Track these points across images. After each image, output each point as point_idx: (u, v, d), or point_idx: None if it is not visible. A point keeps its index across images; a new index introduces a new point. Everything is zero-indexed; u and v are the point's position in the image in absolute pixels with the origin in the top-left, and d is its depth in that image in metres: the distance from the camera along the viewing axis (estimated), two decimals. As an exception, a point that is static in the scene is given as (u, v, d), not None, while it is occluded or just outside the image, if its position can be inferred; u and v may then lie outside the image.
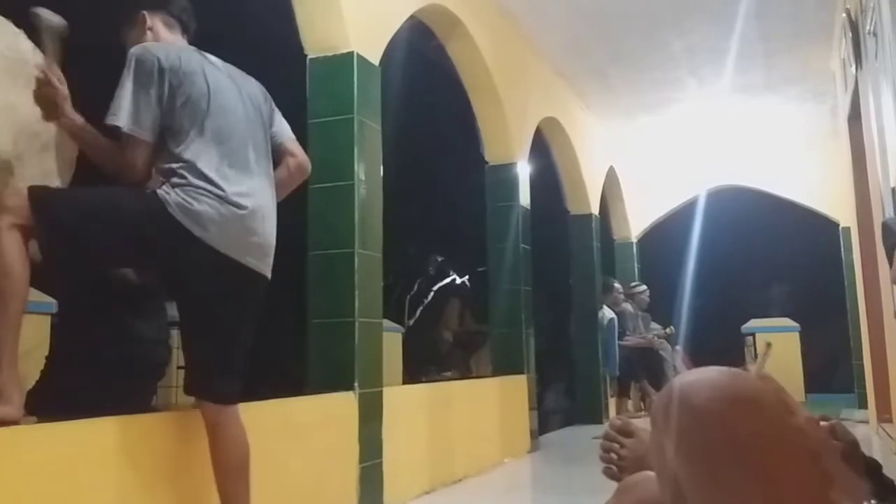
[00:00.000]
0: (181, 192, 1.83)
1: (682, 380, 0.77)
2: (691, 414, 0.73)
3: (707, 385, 0.74)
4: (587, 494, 1.22)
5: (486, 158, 5.18)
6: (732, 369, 0.77)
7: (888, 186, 3.59)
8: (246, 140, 1.99)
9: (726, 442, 0.71)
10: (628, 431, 1.22)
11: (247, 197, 1.92)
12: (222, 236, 1.86)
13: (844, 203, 6.42)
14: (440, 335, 10.30)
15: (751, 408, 0.73)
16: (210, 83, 1.94)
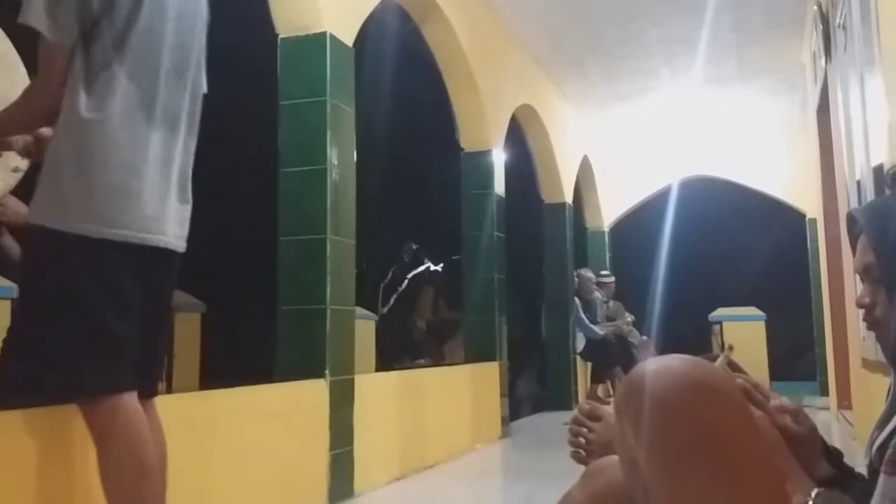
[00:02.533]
0: None
1: (644, 367, 0.77)
2: (652, 401, 0.73)
3: (668, 373, 0.74)
4: (556, 479, 1.22)
5: (462, 145, 5.17)
6: (694, 357, 0.78)
7: (854, 178, 3.65)
8: None
9: (686, 429, 0.71)
10: (596, 416, 1.23)
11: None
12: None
13: (811, 194, 6.54)
14: (414, 323, 10.30)
15: (711, 396, 0.73)
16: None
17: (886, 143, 2.70)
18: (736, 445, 0.71)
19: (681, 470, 0.71)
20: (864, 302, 1.03)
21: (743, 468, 0.70)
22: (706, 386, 0.73)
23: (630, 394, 0.77)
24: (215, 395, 2.59)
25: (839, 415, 5.27)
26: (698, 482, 0.70)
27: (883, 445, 0.93)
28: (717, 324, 8.78)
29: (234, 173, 9.52)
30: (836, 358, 5.31)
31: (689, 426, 0.71)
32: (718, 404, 0.72)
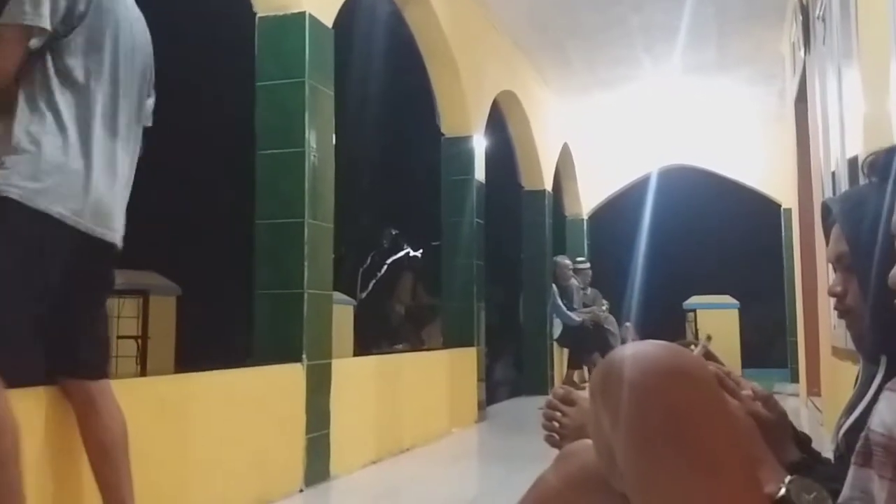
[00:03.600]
0: None
1: (618, 353, 0.78)
2: (627, 385, 0.73)
3: (643, 358, 0.74)
4: (531, 462, 1.23)
5: (443, 130, 5.14)
6: (669, 343, 0.78)
7: (829, 169, 3.70)
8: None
9: (660, 414, 0.72)
10: (570, 400, 1.23)
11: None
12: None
13: (787, 185, 6.61)
14: (392, 308, 10.30)
15: (685, 382, 0.73)
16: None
17: (862, 135, 2.74)
18: (710, 431, 0.71)
19: (654, 454, 0.71)
20: (836, 291, 1.04)
21: (716, 454, 0.71)
22: (681, 371, 0.73)
23: (605, 378, 0.77)
24: (190, 378, 2.57)
25: (808, 401, 5.38)
26: (672, 467, 0.70)
27: (850, 431, 0.94)
28: (692, 311, 8.89)
29: (210, 155, 9.41)
30: (807, 346, 5.41)
31: (663, 411, 0.71)
32: (693, 390, 0.73)
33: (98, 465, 1.78)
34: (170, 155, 10.48)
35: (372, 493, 3.09)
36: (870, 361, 0.99)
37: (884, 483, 0.68)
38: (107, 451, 1.78)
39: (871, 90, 2.58)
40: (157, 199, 9.68)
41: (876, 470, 0.70)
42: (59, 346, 1.76)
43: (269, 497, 2.72)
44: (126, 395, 2.17)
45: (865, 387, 0.98)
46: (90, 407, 1.79)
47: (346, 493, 3.03)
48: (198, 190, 9.63)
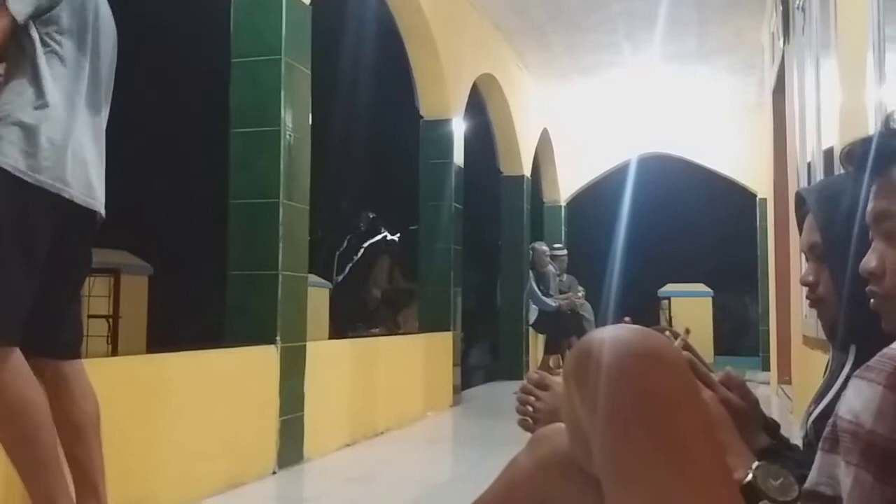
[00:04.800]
0: None
1: (592, 336, 0.77)
2: (599, 369, 0.73)
3: (616, 342, 0.74)
4: (504, 445, 1.23)
5: (422, 113, 5.11)
6: (643, 328, 0.78)
7: (805, 160, 3.73)
8: None
9: (630, 397, 0.72)
10: (544, 385, 1.24)
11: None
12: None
13: (763, 175, 6.68)
14: (369, 292, 10.27)
15: (657, 365, 0.73)
16: None
17: (838, 126, 2.76)
18: (680, 416, 0.71)
19: (626, 437, 0.71)
20: (807, 280, 1.05)
21: (686, 439, 0.71)
22: (654, 356, 0.73)
23: (578, 361, 0.77)
24: (162, 358, 2.54)
25: (779, 389, 5.47)
26: (643, 450, 0.70)
27: (818, 419, 0.95)
28: (666, 299, 8.99)
29: (183, 132, 9.26)
30: (779, 335, 5.49)
31: (634, 394, 0.71)
32: (665, 374, 0.73)
33: (69, 445, 1.77)
34: (143, 132, 10.31)
35: (345, 476, 3.08)
36: (840, 350, 1.00)
37: (849, 469, 0.69)
38: (78, 430, 1.77)
39: (848, 81, 2.60)
40: (129, 178, 9.53)
41: (842, 456, 0.71)
42: (36, 325, 1.71)
43: (241, 479, 2.70)
44: (97, 375, 2.14)
45: (835, 375, 0.98)
46: (63, 387, 1.77)
47: (319, 475, 3.02)
48: (171, 168, 9.49)
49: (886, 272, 0.80)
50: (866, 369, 0.71)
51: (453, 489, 2.89)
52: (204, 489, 2.51)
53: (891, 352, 0.70)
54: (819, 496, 0.76)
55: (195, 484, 2.49)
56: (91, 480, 1.76)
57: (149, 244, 6.71)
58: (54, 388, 1.77)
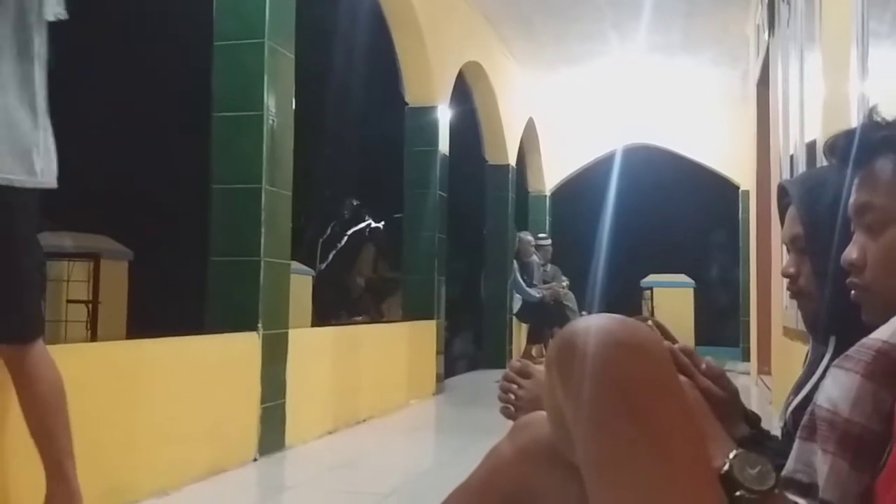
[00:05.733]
0: None
1: (575, 325, 0.77)
2: (582, 358, 0.73)
3: (599, 331, 0.74)
4: (486, 434, 1.24)
5: (407, 100, 5.07)
6: (625, 317, 0.78)
7: (787, 153, 3.76)
8: None
9: (612, 385, 0.72)
10: (527, 373, 1.25)
11: None
12: None
13: (746, 167, 6.72)
14: (353, 280, 10.23)
15: (639, 354, 0.73)
16: None
17: (821, 120, 2.77)
18: (661, 404, 0.72)
19: (606, 425, 0.72)
20: (789, 272, 1.05)
21: (667, 427, 0.71)
22: (635, 345, 0.74)
23: (561, 349, 0.77)
24: (143, 344, 2.52)
25: (759, 380, 5.53)
26: (622, 438, 0.71)
27: (797, 409, 0.96)
28: (648, 289, 9.05)
29: (164, 116, 9.15)
30: (759, 326, 5.55)
31: (615, 383, 0.72)
32: (646, 363, 0.73)
33: (33, 428, 1.76)
34: (124, 116, 10.17)
35: (327, 463, 3.08)
36: (819, 342, 1.01)
37: (826, 457, 0.70)
38: (40, 416, 1.75)
39: (832, 75, 2.62)
40: (109, 161, 9.41)
41: (819, 444, 0.71)
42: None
43: (222, 466, 2.69)
44: (76, 361, 2.12)
45: (814, 366, 0.99)
46: (19, 372, 1.74)
47: (300, 462, 3.01)
48: (152, 152, 9.38)
49: (867, 264, 0.80)
50: (845, 359, 0.72)
51: (435, 476, 2.90)
52: (184, 476, 2.49)
53: (869, 341, 0.71)
54: (796, 483, 0.76)
55: (175, 471, 2.47)
56: (56, 460, 1.75)
57: (129, 229, 6.65)
58: (12, 373, 1.75)
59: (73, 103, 8.03)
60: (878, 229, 0.79)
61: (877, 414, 0.68)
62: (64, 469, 1.75)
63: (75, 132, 7.61)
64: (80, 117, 8.47)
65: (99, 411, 2.18)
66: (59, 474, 1.75)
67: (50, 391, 1.75)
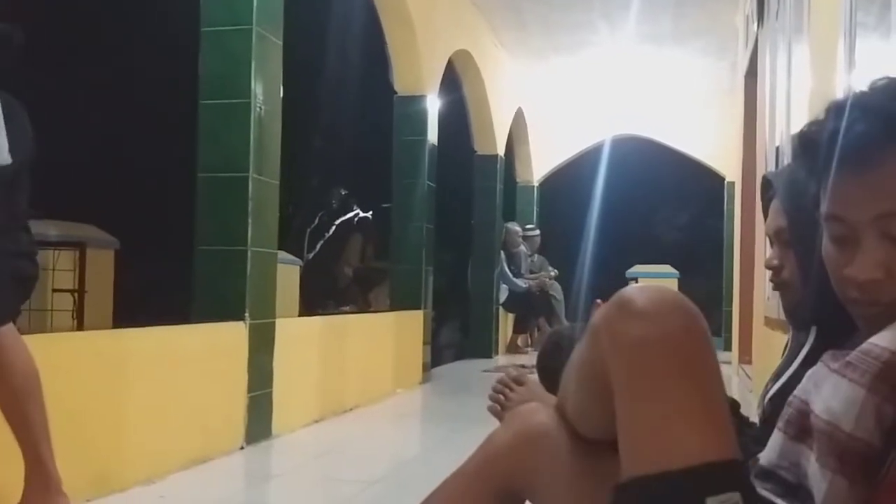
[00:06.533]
0: None
1: (625, 290, 0.81)
2: (632, 312, 0.77)
3: (648, 293, 0.79)
4: (472, 422, 1.27)
5: (395, 88, 5.05)
6: (668, 287, 0.83)
7: (773, 144, 3.78)
8: None
9: (660, 333, 0.75)
10: (521, 381, 1.34)
11: None
12: None
13: (732, 158, 6.76)
14: (340, 270, 10.20)
15: (683, 313, 0.77)
16: None
17: (808, 112, 2.79)
18: (699, 351, 0.76)
19: (647, 362, 0.75)
20: (772, 264, 1.06)
21: (701, 368, 0.75)
22: (680, 305, 0.78)
23: (620, 307, 0.79)
24: (129, 333, 2.51)
25: (740, 368, 5.59)
26: (661, 370, 0.74)
27: (776, 396, 0.97)
28: (634, 279, 9.08)
29: (151, 103, 9.05)
30: (742, 316, 5.60)
31: (661, 334, 0.75)
32: (690, 320, 0.77)
33: (7, 414, 1.76)
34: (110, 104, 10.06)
35: (313, 452, 3.09)
36: (800, 332, 1.02)
37: (825, 472, 0.69)
38: (14, 401, 1.75)
39: (819, 67, 2.63)
40: (95, 150, 9.31)
41: (816, 455, 0.71)
42: None
43: (209, 454, 2.69)
44: (62, 350, 2.11)
45: (793, 354, 1.00)
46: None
47: (287, 451, 3.02)
48: (138, 140, 9.29)
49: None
50: (847, 367, 0.70)
51: (422, 464, 2.91)
52: (171, 465, 2.49)
53: (875, 350, 0.69)
54: (778, 479, 0.77)
55: (162, 459, 2.47)
56: (32, 445, 1.76)
57: (115, 218, 6.59)
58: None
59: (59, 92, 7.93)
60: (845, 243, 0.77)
61: (879, 428, 0.67)
62: (40, 454, 1.75)
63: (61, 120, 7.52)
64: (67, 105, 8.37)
65: (85, 400, 2.18)
66: (36, 459, 1.75)
67: (23, 376, 1.75)
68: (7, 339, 1.74)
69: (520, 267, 7.30)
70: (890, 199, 0.73)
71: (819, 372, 0.75)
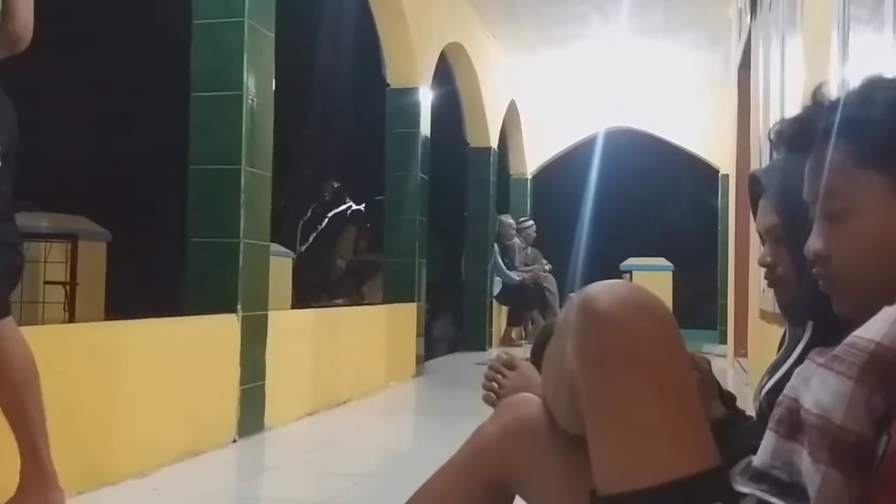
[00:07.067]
0: None
1: (588, 289, 0.81)
2: (594, 316, 0.77)
3: (611, 293, 0.78)
4: (465, 415, 1.26)
5: (388, 81, 5.03)
6: (635, 283, 0.82)
7: (767, 137, 3.78)
8: None
9: (624, 340, 0.75)
10: (512, 366, 1.31)
11: None
12: None
13: (726, 151, 6.76)
14: (333, 262, 10.18)
15: (648, 315, 0.77)
16: None
17: (801, 104, 2.78)
18: (665, 357, 0.76)
19: (613, 372, 0.75)
20: (766, 261, 1.05)
21: (669, 376, 0.75)
22: (645, 307, 0.78)
23: (578, 310, 0.79)
24: (121, 325, 2.49)
25: (735, 362, 5.61)
26: (627, 382, 0.74)
27: (771, 391, 0.97)
28: (628, 272, 9.10)
29: (143, 95, 9.00)
30: (737, 309, 5.61)
31: (626, 338, 0.75)
32: (654, 322, 0.77)
33: (5, 408, 1.76)
34: (101, 95, 9.98)
35: (306, 444, 3.08)
36: (796, 327, 1.01)
37: (818, 466, 0.68)
38: (11, 395, 1.74)
39: (813, 59, 2.63)
40: (87, 141, 9.24)
41: (808, 450, 0.70)
42: None
43: (201, 447, 2.68)
44: (54, 342, 2.10)
45: (790, 349, 1.00)
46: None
47: (279, 443, 3.01)
48: (131, 133, 9.23)
49: (832, 255, 0.80)
50: (833, 359, 0.70)
51: (415, 457, 2.91)
52: (163, 457, 2.48)
53: (860, 342, 0.69)
54: (772, 479, 0.76)
55: (154, 452, 2.46)
56: (29, 439, 1.75)
57: (107, 210, 6.55)
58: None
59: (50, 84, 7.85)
60: (839, 217, 0.78)
61: (869, 420, 0.67)
62: (37, 449, 1.75)
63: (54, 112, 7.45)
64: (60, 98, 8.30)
65: (77, 393, 2.17)
66: (33, 454, 1.75)
67: (22, 370, 1.75)
68: (7, 331, 1.74)
69: (514, 259, 7.31)
70: (825, 179, 0.79)
71: (807, 369, 0.74)
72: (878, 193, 0.74)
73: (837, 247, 0.79)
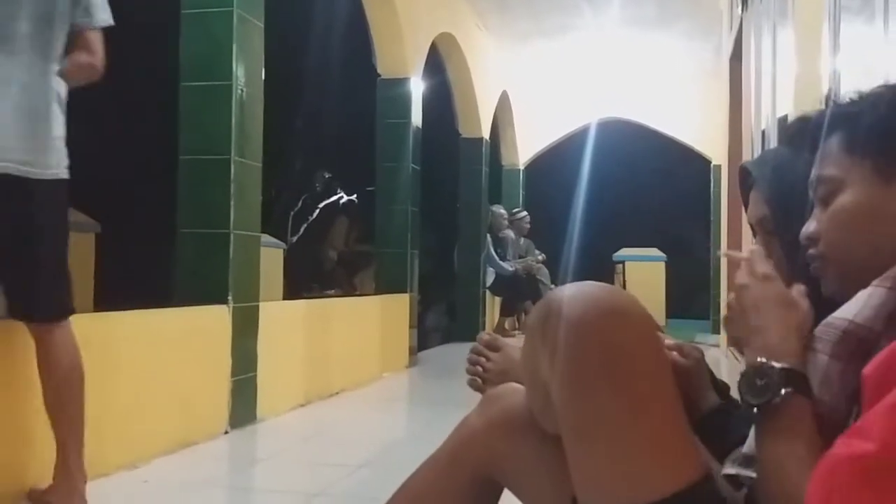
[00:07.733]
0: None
1: (559, 293, 0.78)
2: (567, 323, 0.75)
3: (583, 297, 0.76)
4: (458, 406, 1.24)
5: (379, 71, 5.00)
6: (608, 285, 0.80)
7: (759, 127, 3.79)
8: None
9: (595, 351, 0.74)
10: (495, 346, 1.25)
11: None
12: None
13: (718, 141, 6.77)
14: (325, 253, 10.16)
15: (623, 320, 0.75)
16: None
17: (793, 95, 2.79)
18: (641, 367, 0.74)
19: (587, 385, 0.73)
20: (758, 254, 1.06)
21: (646, 388, 0.74)
22: (619, 312, 0.76)
23: (545, 314, 0.78)
24: (111, 317, 2.48)
25: (728, 351, 5.64)
26: (603, 397, 0.73)
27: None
28: (621, 263, 9.13)
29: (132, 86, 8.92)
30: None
31: (597, 348, 0.74)
32: (628, 328, 0.75)
33: (49, 408, 1.83)
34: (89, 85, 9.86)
35: (299, 435, 3.08)
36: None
37: (834, 363, 0.70)
38: (56, 396, 1.82)
39: (804, 51, 2.63)
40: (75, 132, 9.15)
41: (825, 351, 0.71)
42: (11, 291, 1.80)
43: (193, 439, 2.67)
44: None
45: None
46: (38, 347, 1.82)
47: (271, 434, 3.01)
48: (119, 123, 9.16)
49: (821, 234, 0.81)
50: (812, 339, 0.73)
51: (408, 448, 2.92)
52: (154, 449, 2.48)
53: (836, 321, 0.71)
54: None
55: (145, 444, 2.45)
56: (61, 439, 1.82)
57: (96, 201, 6.51)
58: (36, 348, 1.83)
59: (34, 70, 7.75)
60: (829, 198, 0.80)
61: (843, 393, 0.69)
62: (66, 452, 1.81)
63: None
64: (43, 85, 8.18)
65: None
66: (62, 453, 1.81)
67: (68, 372, 1.82)
68: (59, 335, 1.83)
69: (507, 250, 7.31)
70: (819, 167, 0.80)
71: None
72: (864, 177, 0.76)
73: (825, 225, 0.80)
